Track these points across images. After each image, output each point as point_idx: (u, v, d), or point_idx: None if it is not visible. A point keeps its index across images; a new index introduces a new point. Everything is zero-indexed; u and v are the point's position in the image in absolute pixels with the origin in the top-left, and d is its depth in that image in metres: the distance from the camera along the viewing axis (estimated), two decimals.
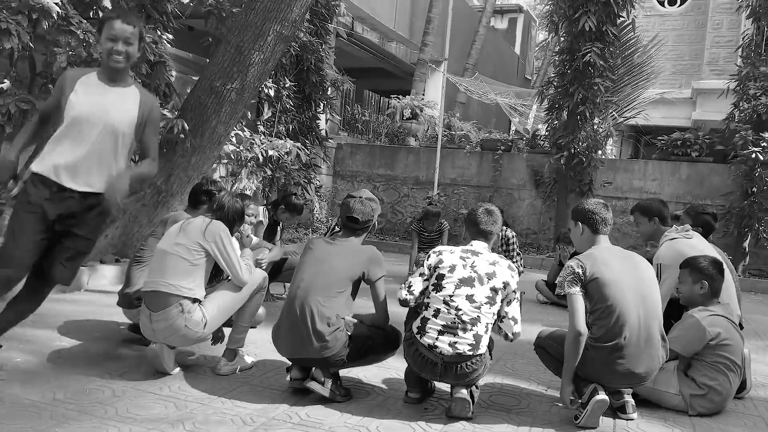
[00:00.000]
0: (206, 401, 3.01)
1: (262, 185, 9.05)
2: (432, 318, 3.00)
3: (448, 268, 3.09)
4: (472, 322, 2.97)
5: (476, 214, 3.25)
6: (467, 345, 2.94)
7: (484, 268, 3.09)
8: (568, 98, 10.18)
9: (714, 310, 3.44)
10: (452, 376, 2.96)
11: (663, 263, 3.87)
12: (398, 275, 7.59)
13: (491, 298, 3.03)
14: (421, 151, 12.19)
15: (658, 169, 10.61)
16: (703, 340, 3.33)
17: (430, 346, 2.96)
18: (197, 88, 6.11)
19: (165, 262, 3.27)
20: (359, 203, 3.34)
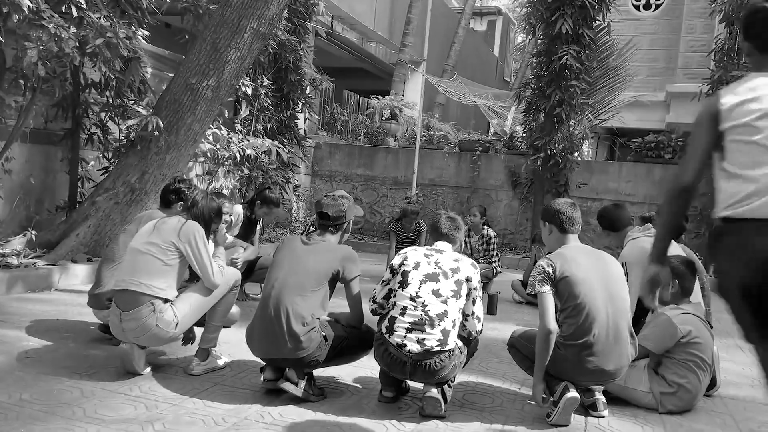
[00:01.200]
0: (177, 402, 2.97)
1: (240, 184, 8.98)
2: (399, 317, 3.00)
3: (412, 264, 3.12)
4: (439, 317, 2.98)
5: (439, 220, 3.33)
6: (435, 341, 2.95)
7: (448, 264, 3.13)
8: (545, 100, 10.28)
9: (685, 308, 3.49)
10: (421, 374, 2.96)
11: (628, 262, 3.92)
12: (376, 275, 7.58)
13: (456, 291, 3.06)
14: (400, 152, 12.20)
15: (633, 171, 10.75)
16: (674, 338, 3.38)
17: (398, 344, 2.96)
18: (172, 85, 6.05)
19: (137, 261, 3.23)
20: (330, 199, 3.34)
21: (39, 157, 6.45)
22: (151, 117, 5.80)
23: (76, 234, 5.93)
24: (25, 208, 6.37)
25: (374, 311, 3.21)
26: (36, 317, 4.36)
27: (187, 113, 5.95)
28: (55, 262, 5.65)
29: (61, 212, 6.46)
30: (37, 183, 6.44)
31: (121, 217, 6.05)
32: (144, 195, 6.08)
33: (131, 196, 6.05)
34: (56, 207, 6.51)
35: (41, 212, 6.49)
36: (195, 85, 5.87)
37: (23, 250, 5.73)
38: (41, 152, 6.47)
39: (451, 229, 3.30)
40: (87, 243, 5.97)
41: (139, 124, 5.84)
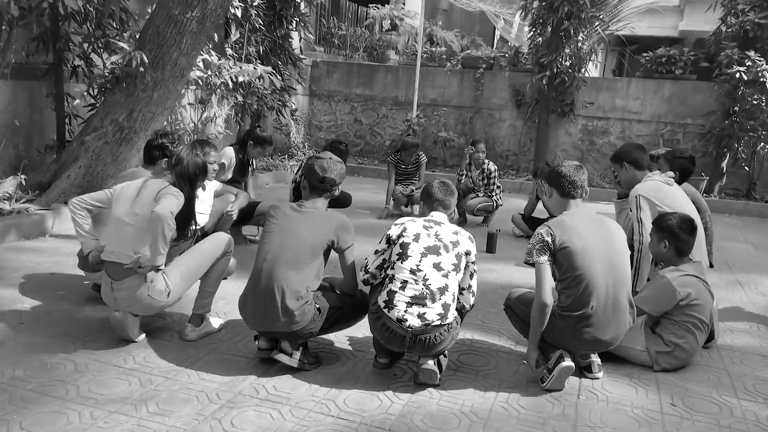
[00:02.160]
0: (172, 374, 2.97)
1: (234, 111, 8.72)
2: (399, 291, 2.92)
3: (412, 236, 3.01)
4: (440, 291, 2.91)
5: (432, 187, 3.20)
6: (436, 314, 2.89)
7: (448, 236, 3.03)
8: (553, 13, 9.77)
9: (685, 269, 3.41)
10: (420, 348, 2.93)
11: (640, 194, 3.84)
12: (375, 206, 7.52)
13: (457, 265, 2.99)
14: (401, 70, 11.76)
15: (641, 87, 10.37)
16: (673, 300, 3.32)
17: (398, 319, 2.89)
18: (155, 16, 5.70)
19: (123, 231, 3.14)
20: (326, 162, 3.19)
21: (23, 93, 6.21)
22: (135, 52, 5.51)
23: (67, 176, 5.81)
24: (14, 147, 6.21)
25: (366, 281, 3.14)
26: (30, 271, 4.34)
27: (172, 47, 5.64)
28: (47, 205, 5.57)
29: (51, 152, 6.30)
30: (24, 120, 6.24)
31: (112, 157, 5.90)
32: (134, 134, 5.89)
33: (121, 135, 5.86)
34: (45, 146, 6.34)
35: (30, 151, 6.33)
36: (178, 17, 5.53)
37: (15, 192, 5.64)
38: (25, 88, 6.21)
39: (445, 194, 3.18)
40: (79, 184, 5.85)
41: (122, 60, 5.55)
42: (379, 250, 3.12)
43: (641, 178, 4.00)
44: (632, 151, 4.08)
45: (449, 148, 11.10)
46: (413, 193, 7.12)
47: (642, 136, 10.37)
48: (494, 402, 2.92)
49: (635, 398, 3.05)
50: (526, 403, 2.93)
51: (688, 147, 10.12)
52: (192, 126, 8.21)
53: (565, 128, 10.70)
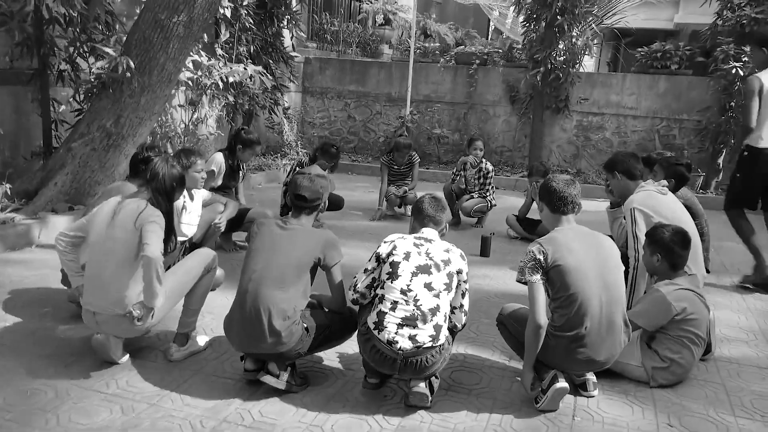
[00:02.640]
0: (155, 399, 2.90)
1: (225, 111, 8.61)
2: (390, 312, 2.83)
3: (402, 255, 2.92)
4: (432, 312, 2.83)
5: (422, 203, 3.10)
6: (427, 336, 2.82)
7: (439, 254, 2.94)
8: (546, 9, 9.67)
9: (680, 283, 3.34)
10: (411, 370, 2.85)
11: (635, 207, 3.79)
12: (368, 208, 7.44)
13: (448, 284, 2.90)
14: (394, 66, 11.65)
15: (636, 82, 10.28)
16: (668, 315, 3.26)
17: (389, 341, 2.81)
18: (141, 21, 5.58)
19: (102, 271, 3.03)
20: (307, 180, 3.11)
21: (8, 98, 6.10)
22: (121, 57, 5.39)
23: (54, 183, 5.71)
24: (0, 153, 6.10)
25: (355, 301, 3.05)
26: (14, 286, 4.25)
27: (159, 52, 5.52)
28: (34, 214, 5.47)
29: (37, 158, 6.19)
30: (10, 126, 6.13)
31: (100, 164, 5.80)
32: (121, 140, 5.79)
33: (108, 141, 5.76)
34: (32, 153, 6.23)
35: (17, 157, 6.23)
36: (165, 21, 5.41)
37: (0, 201, 5.54)
38: (10, 93, 6.10)
39: (436, 210, 3.09)
40: (66, 191, 5.76)
41: (108, 66, 5.44)
42: (369, 268, 3.03)
43: (634, 188, 3.94)
44: (624, 161, 4.01)
45: (443, 145, 11.02)
46: (406, 194, 7.04)
47: (637, 132, 10.31)
48: (487, 424, 2.85)
49: (631, 418, 2.98)
50: (519, 426, 2.86)
51: (684, 142, 10.06)
52: (183, 127, 8.10)
53: (560, 124, 10.61)
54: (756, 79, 5.05)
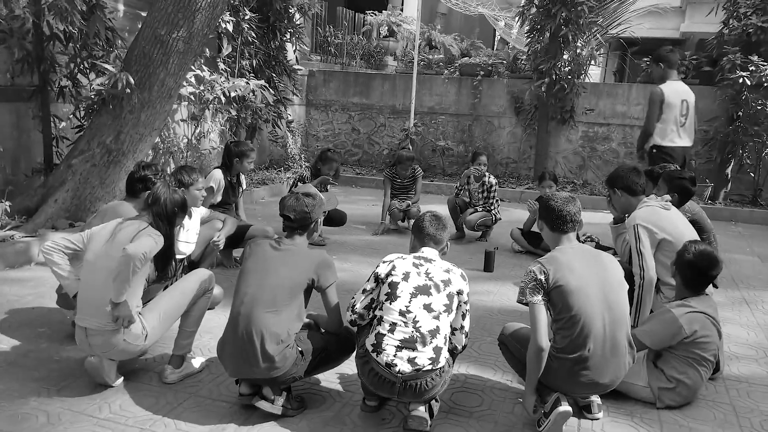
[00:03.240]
0: (147, 424, 2.83)
1: (228, 125, 8.59)
2: (388, 333, 2.76)
3: (401, 275, 2.84)
4: (431, 334, 2.75)
5: (423, 221, 3.02)
6: (427, 359, 2.74)
7: (439, 275, 2.86)
8: (550, 20, 9.61)
9: (694, 305, 3.23)
10: (411, 394, 2.77)
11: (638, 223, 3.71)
12: (371, 222, 7.37)
13: (449, 306, 2.82)
14: (398, 78, 11.61)
15: (642, 92, 10.17)
16: (677, 337, 3.16)
17: (387, 364, 2.73)
18: (140, 37, 5.57)
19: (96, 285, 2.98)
20: (293, 200, 3.05)
21: (9, 115, 6.08)
22: (121, 74, 5.38)
23: (54, 200, 5.68)
24: (1, 170, 6.09)
25: (353, 322, 2.97)
26: (11, 306, 4.20)
27: (159, 68, 5.51)
28: (33, 232, 5.44)
29: (38, 175, 6.18)
30: (11, 143, 6.12)
31: (100, 180, 5.78)
32: (122, 156, 5.76)
33: (108, 158, 5.73)
34: (32, 169, 6.22)
35: (18, 174, 6.21)
36: (164, 37, 5.39)
37: (0, 218, 5.51)
38: (11, 110, 6.09)
39: (437, 229, 3.00)
40: (67, 208, 5.73)
41: (108, 82, 5.43)
42: (367, 289, 2.95)
43: (636, 204, 3.85)
44: (625, 177, 3.91)
45: (448, 157, 10.95)
46: (409, 208, 6.97)
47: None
48: None
49: None
50: None
51: (692, 153, 9.93)
52: (185, 142, 8.08)
53: (566, 135, 10.53)
54: (658, 90, 6.27)
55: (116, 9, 6.81)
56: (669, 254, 3.64)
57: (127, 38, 6.59)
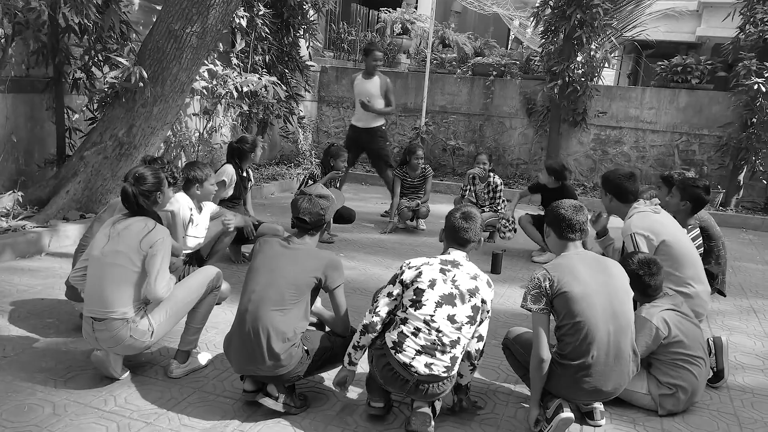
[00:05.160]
0: (152, 418, 2.86)
1: (240, 120, 8.62)
2: (411, 336, 2.77)
3: (428, 282, 2.82)
4: (452, 344, 2.77)
5: (454, 220, 2.95)
6: (443, 367, 2.76)
7: (466, 283, 2.84)
8: (565, 21, 9.56)
9: (661, 304, 3.26)
10: (420, 395, 2.80)
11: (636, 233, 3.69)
12: (380, 220, 7.39)
13: (472, 317, 2.82)
14: (410, 77, 11.60)
15: (656, 96, 10.12)
16: (658, 341, 3.16)
17: (405, 364, 2.76)
18: (154, 31, 5.60)
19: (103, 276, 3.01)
20: (307, 202, 3.05)
21: (24, 106, 6.14)
22: (134, 67, 5.41)
23: (66, 191, 5.73)
24: (14, 161, 6.15)
25: (373, 323, 2.87)
26: (20, 296, 4.25)
27: (172, 62, 5.54)
28: (45, 222, 5.49)
29: (51, 166, 6.23)
30: (24, 134, 6.18)
31: (112, 172, 5.82)
32: (133, 149, 5.80)
33: (120, 150, 5.78)
34: (45, 161, 6.27)
35: (31, 165, 6.27)
36: (178, 32, 5.42)
37: (13, 208, 5.57)
38: (25, 101, 6.15)
39: (467, 231, 2.92)
40: (78, 199, 5.78)
41: (122, 75, 5.46)
42: (394, 294, 2.89)
43: (626, 210, 3.83)
44: (618, 183, 3.87)
45: (458, 156, 10.94)
46: (419, 207, 6.98)
47: (656, 146, 10.15)
48: None
49: None
50: None
51: (704, 158, 9.89)
52: (197, 136, 8.12)
53: (578, 137, 10.49)
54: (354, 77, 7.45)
55: (131, 2, 6.85)
56: (667, 257, 3.65)
57: (141, 32, 6.62)
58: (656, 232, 3.66)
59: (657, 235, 3.64)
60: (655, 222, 3.74)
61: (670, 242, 3.62)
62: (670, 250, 3.59)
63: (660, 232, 3.68)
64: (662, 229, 3.70)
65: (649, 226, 3.72)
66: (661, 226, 3.72)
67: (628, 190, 3.87)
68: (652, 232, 3.68)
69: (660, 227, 3.72)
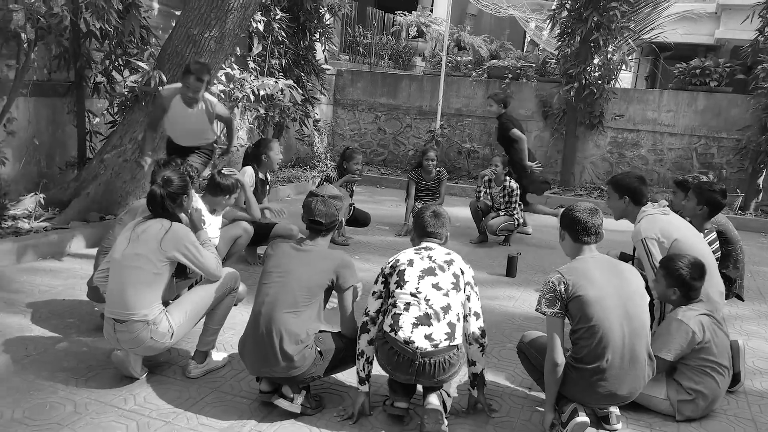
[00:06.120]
0: (170, 417, 2.90)
1: (257, 123, 8.69)
2: (404, 312, 2.85)
3: (406, 262, 2.97)
4: (444, 310, 2.85)
5: (423, 218, 3.14)
6: (443, 334, 2.81)
7: (441, 257, 2.99)
8: (582, 24, 9.55)
9: (697, 308, 3.24)
10: (428, 374, 2.81)
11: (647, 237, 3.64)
12: (395, 223, 7.41)
13: (456, 284, 2.92)
14: (425, 79, 11.63)
15: (674, 99, 10.05)
16: (692, 344, 3.15)
17: (405, 341, 2.80)
18: (173, 36, 5.69)
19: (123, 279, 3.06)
20: (321, 204, 3.10)
21: (46, 110, 6.25)
22: (154, 71, 5.50)
23: (86, 193, 5.83)
24: (36, 163, 6.26)
25: (365, 324, 2.98)
26: (42, 296, 4.32)
27: None
28: (66, 223, 5.59)
29: (72, 169, 6.34)
30: (46, 137, 6.29)
31: (131, 175, 5.91)
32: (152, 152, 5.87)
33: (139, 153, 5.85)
34: (66, 163, 6.38)
35: (52, 168, 6.38)
36: (197, 36, 5.50)
37: (35, 210, 5.67)
38: (47, 105, 6.26)
39: (435, 226, 3.12)
40: (99, 201, 5.87)
41: (141, 79, 5.54)
42: (376, 291, 3.02)
43: (636, 213, 3.79)
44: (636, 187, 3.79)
45: (473, 159, 10.93)
46: None
47: (674, 150, 10.08)
48: None
49: None
50: None
51: (723, 161, 9.80)
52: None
53: (594, 140, 10.44)
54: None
55: (151, 7, 6.95)
56: None
57: (160, 36, 6.72)
58: (667, 234, 3.61)
59: (668, 236, 3.59)
60: (665, 223, 3.68)
61: (681, 242, 3.57)
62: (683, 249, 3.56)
63: (670, 233, 3.63)
64: (672, 229, 3.65)
65: (659, 228, 3.66)
66: (672, 227, 3.67)
67: (643, 193, 3.85)
68: (663, 234, 3.62)
69: (670, 228, 3.66)
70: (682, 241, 3.59)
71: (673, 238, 3.58)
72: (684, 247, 3.53)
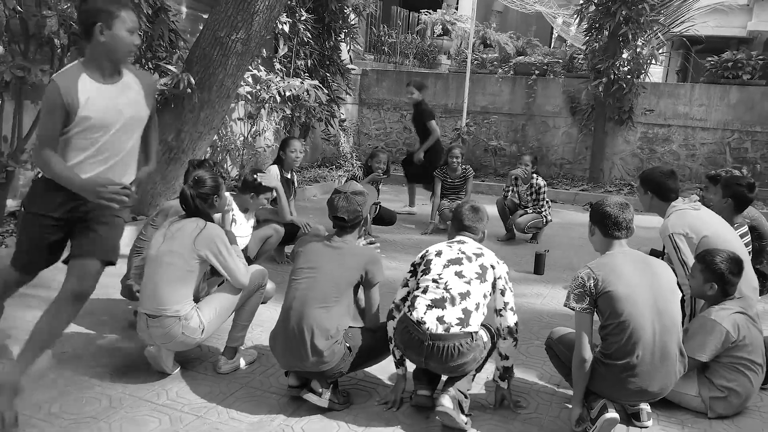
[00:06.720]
0: (202, 412, 2.96)
1: (283, 124, 8.78)
2: (421, 294, 2.92)
3: (435, 253, 3.04)
4: (461, 296, 2.86)
5: (461, 212, 3.18)
6: (455, 318, 2.82)
7: (472, 249, 3.03)
8: (610, 18, 9.43)
9: (731, 307, 3.18)
10: (438, 359, 2.82)
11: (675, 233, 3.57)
12: (421, 221, 7.41)
13: (481, 274, 2.93)
14: (450, 77, 11.60)
15: (706, 93, 9.86)
16: (726, 343, 3.09)
17: (418, 321, 2.85)
18: (201, 38, 5.77)
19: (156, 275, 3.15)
20: (344, 200, 3.13)
21: None
22: (183, 74, 5.58)
23: None
24: None
25: (391, 311, 3.08)
26: None
27: (218, 68, 5.68)
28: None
29: None
30: None
31: (161, 176, 6.01)
32: (182, 153, 5.97)
33: (169, 155, 5.96)
34: None
35: None
36: (224, 39, 5.57)
37: None
38: None
39: (473, 220, 3.16)
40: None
41: (171, 82, 5.64)
42: (407, 280, 3.11)
43: (665, 208, 3.71)
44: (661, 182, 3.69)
45: (500, 157, 10.88)
46: None
47: (707, 144, 9.89)
48: None
49: None
50: None
51: (757, 156, 9.59)
52: (241, 140, 8.31)
53: (624, 136, 10.30)
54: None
55: (179, 11, 7.06)
56: None
57: (189, 39, 6.82)
58: (696, 229, 3.53)
59: (697, 232, 3.52)
60: (695, 219, 3.61)
61: (711, 238, 3.50)
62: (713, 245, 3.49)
63: (699, 228, 3.55)
64: (702, 225, 3.58)
65: (687, 223, 3.58)
66: (701, 222, 3.59)
67: (669, 188, 3.76)
68: (692, 229, 3.54)
69: (699, 223, 3.59)
70: (713, 236, 3.52)
71: (702, 233, 3.51)
72: (715, 242, 3.46)
